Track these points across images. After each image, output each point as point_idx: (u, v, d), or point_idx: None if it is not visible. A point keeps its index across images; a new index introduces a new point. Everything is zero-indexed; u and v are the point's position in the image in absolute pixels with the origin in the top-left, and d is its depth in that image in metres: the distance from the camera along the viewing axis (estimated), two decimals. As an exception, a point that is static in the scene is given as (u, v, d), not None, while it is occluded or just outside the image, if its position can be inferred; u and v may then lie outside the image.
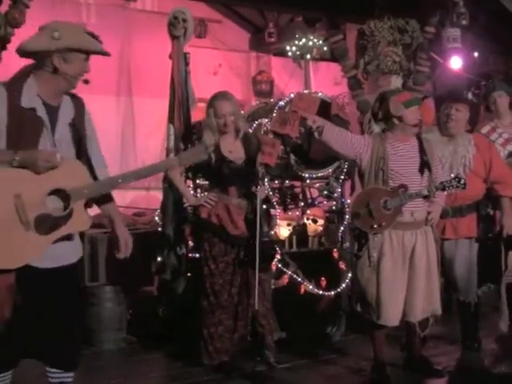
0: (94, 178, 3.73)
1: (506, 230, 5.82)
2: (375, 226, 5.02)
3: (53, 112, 3.61)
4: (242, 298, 5.36)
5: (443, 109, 5.78)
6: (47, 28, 3.55)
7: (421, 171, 5.12)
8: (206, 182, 5.82)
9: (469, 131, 5.96)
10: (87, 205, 3.63)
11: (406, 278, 5.07)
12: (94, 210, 3.80)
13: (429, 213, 5.14)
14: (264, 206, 5.47)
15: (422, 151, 5.19)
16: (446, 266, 5.60)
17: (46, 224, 3.46)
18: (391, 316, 5.05)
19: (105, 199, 3.82)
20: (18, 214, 3.40)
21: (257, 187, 5.24)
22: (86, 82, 3.68)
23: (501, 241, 5.89)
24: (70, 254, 3.71)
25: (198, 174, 5.88)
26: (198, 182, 6.14)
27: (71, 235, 3.66)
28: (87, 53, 3.64)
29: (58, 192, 3.49)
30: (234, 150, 5.40)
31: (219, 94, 5.40)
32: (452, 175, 5.20)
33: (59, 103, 3.67)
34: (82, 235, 3.87)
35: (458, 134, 5.75)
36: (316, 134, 5.17)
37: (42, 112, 3.55)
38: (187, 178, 5.97)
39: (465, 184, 5.07)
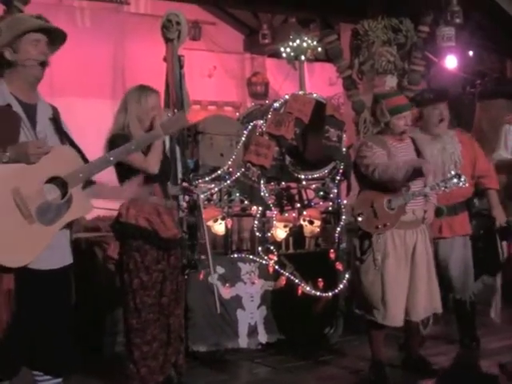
0: (85, 161, 3.71)
1: (498, 222, 5.85)
2: (380, 227, 5.02)
3: (30, 109, 3.63)
4: (173, 307, 4.70)
5: (432, 109, 5.73)
6: None
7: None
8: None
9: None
10: None
11: (408, 277, 5.07)
12: (89, 215, 3.80)
13: (425, 211, 5.14)
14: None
15: (418, 150, 5.20)
16: (441, 265, 5.60)
17: (49, 213, 3.47)
18: (397, 316, 5.05)
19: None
20: (19, 209, 3.39)
21: (177, 184, 4.91)
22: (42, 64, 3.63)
23: (496, 233, 5.91)
24: (64, 256, 3.71)
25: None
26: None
27: (67, 235, 3.68)
28: (32, 31, 3.62)
29: (54, 180, 3.50)
30: None
31: (147, 86, 4.75)
32: (453, 172, 5.17)
33: (35, 102, 3.69)
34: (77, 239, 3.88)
35: (442, 131, 5.76)
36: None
37: (17, 108, 3.58)
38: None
39: (465, 180, 5.06)
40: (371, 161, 5.04)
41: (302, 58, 11.27)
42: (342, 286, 6.33)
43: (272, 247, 6.25)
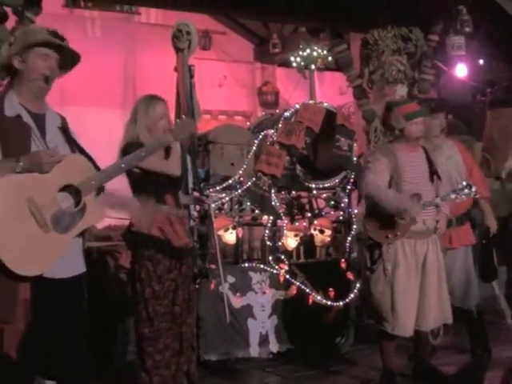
0: (97, 168, 3.73)
1: (491, 230, 5.86)
2: (390, 236, 5.02)
3: (39, 119, 3.66)
4: (185, 316, 4.65)
5: (431, 119, 5.65)
6: (7, 39, 3.69)
7: (431, 179, 5.13)
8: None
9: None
10: None
11: (418, 287, 5.06)
12: (100, 224, 3.80)
13: (437, 222, 5.13)
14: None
15: (429, 160, 5.19)
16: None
17: (63, 222, 3.49)
18: (407, 326, 5.03)
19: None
20: (34, 218, 3.41)
21: (188, 193, 4.87)
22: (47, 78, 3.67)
23: (491, 241, 5.92)
24: (77, 264, 3.73)
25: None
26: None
27: (79, 244, 3.70)
28: (42, 45, 3.65)
29: (67, 188, 3.52)
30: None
31: (155, 95, 4.75)
32: (464, 183, 5.16)
33: (44, 112, 3.72)
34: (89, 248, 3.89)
35: (442, 141, 5.77)
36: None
37: (27, 118, 3.61)
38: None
39: (476, 191, 5.05)
40: (368, 174, 5.08)
41: (312, 67, 11.30)
42: (352, 295, 6.33)
43: (283, 256, 6.25)
